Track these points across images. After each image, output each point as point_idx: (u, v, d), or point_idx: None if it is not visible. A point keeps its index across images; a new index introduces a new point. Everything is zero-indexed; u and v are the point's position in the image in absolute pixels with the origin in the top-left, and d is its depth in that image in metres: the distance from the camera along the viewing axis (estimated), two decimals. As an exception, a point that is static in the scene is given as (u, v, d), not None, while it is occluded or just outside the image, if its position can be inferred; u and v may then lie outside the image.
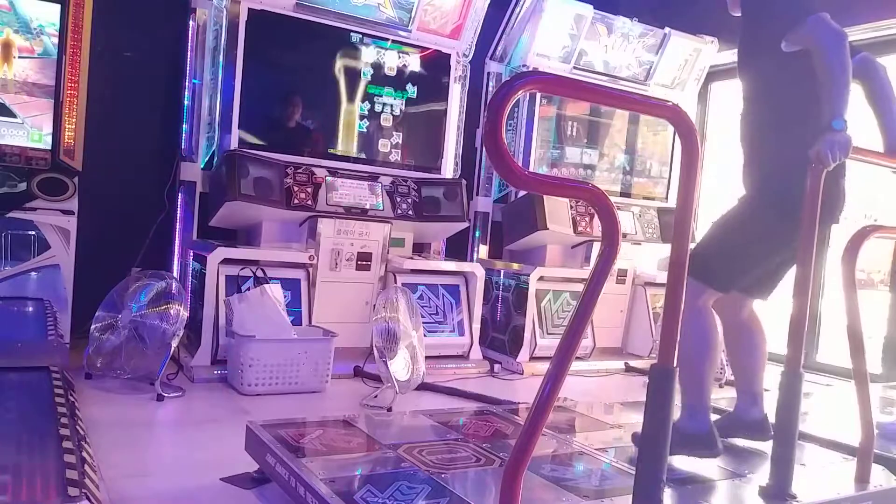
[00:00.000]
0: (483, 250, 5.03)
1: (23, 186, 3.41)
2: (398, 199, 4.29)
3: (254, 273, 3.73)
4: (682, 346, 1.66)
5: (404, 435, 2.55)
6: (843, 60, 2.18)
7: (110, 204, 4.04)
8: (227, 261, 3.69)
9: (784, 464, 2.07)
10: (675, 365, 1.58)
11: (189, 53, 4.07)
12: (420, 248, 4.77)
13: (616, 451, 2.45)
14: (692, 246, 1.69)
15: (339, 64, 4.26)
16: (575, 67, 5.01)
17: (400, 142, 4.51)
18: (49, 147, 3.49)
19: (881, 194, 4.92)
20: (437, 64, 4.60)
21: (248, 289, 3.64)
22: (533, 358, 4.51)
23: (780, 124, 2.46)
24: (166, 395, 3.19)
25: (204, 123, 4.10)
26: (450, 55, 4.62)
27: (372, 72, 4.36)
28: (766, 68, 2.47)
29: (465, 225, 4.63)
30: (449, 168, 4.70)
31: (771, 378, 3.82)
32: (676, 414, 2.65)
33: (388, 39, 4.40)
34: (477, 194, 4.98)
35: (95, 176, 3.76)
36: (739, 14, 2.54)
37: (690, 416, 2.41)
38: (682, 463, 2.36)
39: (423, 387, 3.64)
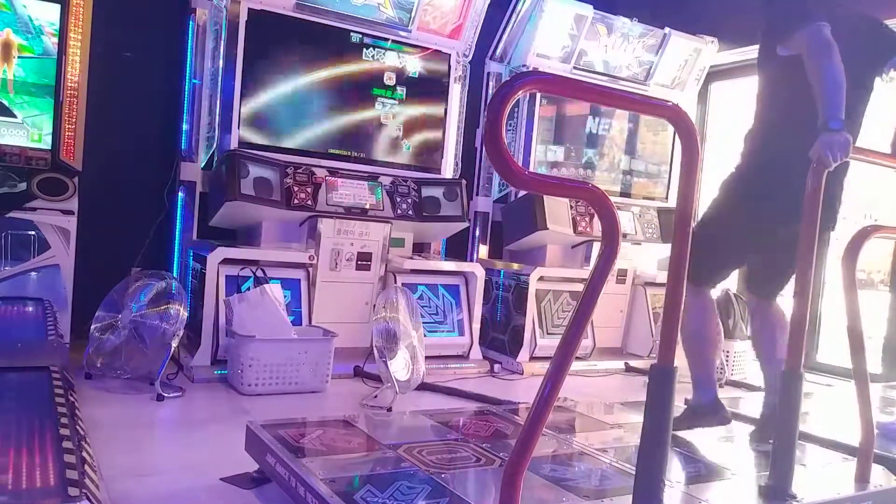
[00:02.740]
0: (483, 250, 5.03)
1: (23, 186, 3.41)
2: (398, 199, 4.29)
3: (254, 273, 3.73)
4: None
5: (404, 435, 2.54)
6: (831, 66, 2.23)
7: (110, 204, 4.04)
8: (227, 261, 3.69)
9: (784, 464, 2.07)
10: (675, 365, 1.58)
11: (189, 53, 4.07)
12: (420, 248, 4.77)
13: (616, 451, 2.45)
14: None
15: (339, 64, 4.26)
16: (575, 67, 5.01)
17: (400, 142, 4.51)
18: (49, 147, 3.49)
19: (881, 194, 4.92)
20: (437, 64, 4.60)
21: (248, 289, 3.64)
22: (533, 358, 4.51)
23: (778, 125, 2.52)
24: (166, 395, 3.19)
25: (204, 123, 4.10)
26: (450, 55, 4.62)
27: (372, 72, 4.37)
28: (771, 70, 2.57)
29: (465, 225, 4.63)
30: (449, 168, 4.70)
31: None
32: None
33: (388, 39, 4.40)
34: (477, 194, 4.98)
35: (95, 176, 3.76)
36: None
37: (698, 390, 2.69)
38: (682, 462, 2.37)
39: (423, 387, 3.64)
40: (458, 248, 4.97)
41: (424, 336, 3.73)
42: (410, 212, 4.31)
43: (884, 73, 2.60)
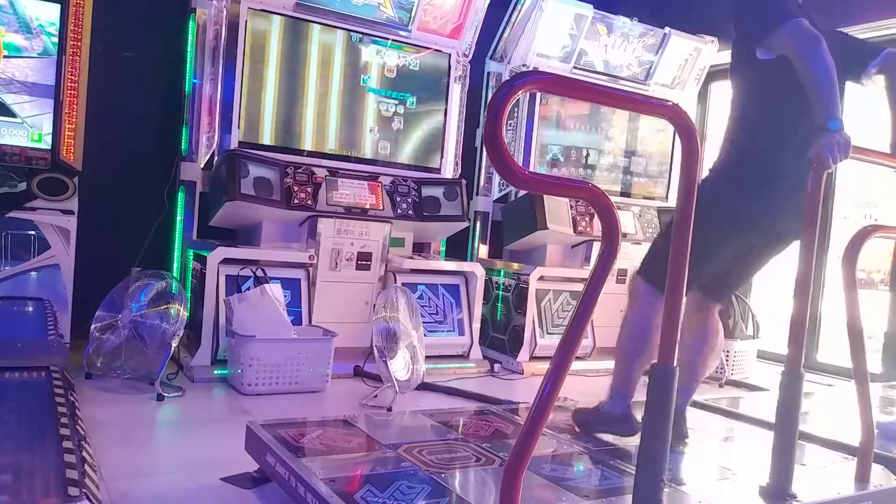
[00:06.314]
0: (483, 250, 5.03)
1: (23, 186, 3.41)
2: (398, 199, 4.29)
3: (254, 273, 3.73)
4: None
5: (404, 435, 2.54)
6: (822, 62, 2.16)
7: (110, 204, 4.03)
8: (227, 261, 3.69)
9: (784, 463, 2.07)
10: (675, 365, 1.58)
11: (189, 53, 4.07)
12: (420, 248, 4.77)
13: (616, 450, 2.45)
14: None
15: (339, 64, 4.26)
16: (575, 67, 5.01)
17: (400, 141, 4.51)
18: (49, 147, 3.49)
19: (881, 194, 4.92)
20: (437, 64, 4.60)
21: (248, 289, 3.64)
22: (533, 358, 4.51)
23: (757, 129, 2.49)
24: (166, 395, 3.19)
25: (204, 123, 4.10)
26: (450, 55, 4.62)
27: (372, 72, 4.37)
28: (747, 75, 2.48)
29: (465, 225, 4.63)
30: (449, 168, 4.70)
31: (772, 378, 3.82)
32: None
33: (388, 39, 4.40)
34: (477, 194, 4.98)
35: (95, 176, 3.76)
36: None
37: (614, 399, 2.65)
38: (682, 462, 2.37)
39: (423, 387, 3.64)
40: (458, 247, 4.97)
41: (424, 336, 3.73)
42: (410, 211, 4.31)
43: (862, 79, 2.55)
